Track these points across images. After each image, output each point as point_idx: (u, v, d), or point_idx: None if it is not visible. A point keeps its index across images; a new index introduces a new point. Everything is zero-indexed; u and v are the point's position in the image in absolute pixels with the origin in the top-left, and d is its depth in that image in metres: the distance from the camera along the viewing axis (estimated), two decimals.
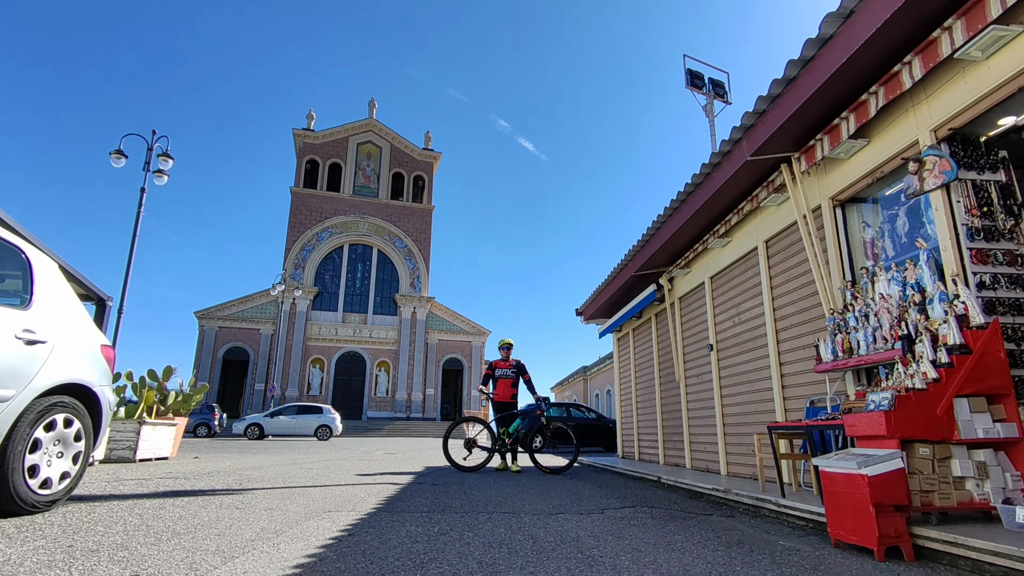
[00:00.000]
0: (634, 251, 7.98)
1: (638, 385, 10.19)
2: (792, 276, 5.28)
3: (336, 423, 22.23)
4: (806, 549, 2.89)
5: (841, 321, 4.22)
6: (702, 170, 5.51)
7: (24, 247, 3.24)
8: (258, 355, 38.94)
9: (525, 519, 3.51)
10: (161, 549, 2.36)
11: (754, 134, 4.68)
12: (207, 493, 4.27)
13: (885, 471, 2.79)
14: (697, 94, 12.93)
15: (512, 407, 7.64)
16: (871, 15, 3.38)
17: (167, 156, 13.99)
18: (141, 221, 13.25)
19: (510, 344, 7.79)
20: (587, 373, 39.94)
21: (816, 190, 4.84)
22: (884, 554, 2.68)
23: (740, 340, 6.26)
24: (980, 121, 3.54)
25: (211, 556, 2.28)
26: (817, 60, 3.85)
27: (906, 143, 3.86)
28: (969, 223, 3.48)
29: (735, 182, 5.30)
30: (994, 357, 3.04)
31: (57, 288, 3.37)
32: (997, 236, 3.47)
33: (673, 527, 3.43)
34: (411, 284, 42.57)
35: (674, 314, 8.16)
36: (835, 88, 3.91)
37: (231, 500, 3.92)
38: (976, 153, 3.62)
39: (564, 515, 3.73)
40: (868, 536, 2.73)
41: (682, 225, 6.46)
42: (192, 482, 5.04)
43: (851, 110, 4.01)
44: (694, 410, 7.49)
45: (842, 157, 4.45)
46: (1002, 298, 3.37)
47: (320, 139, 43.84)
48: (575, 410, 17.38)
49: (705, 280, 7.15)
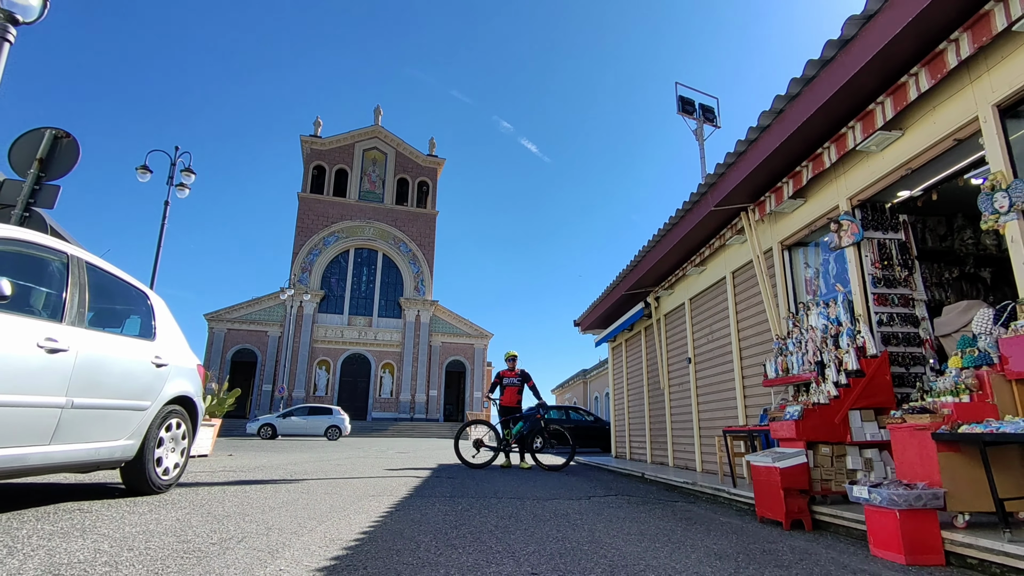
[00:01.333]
0: (624, 273, 8.98)
1: (629, 391, 11.18)
2: (752, 303, 6.27)
3: (345, 424, 23.24)
4: (736, 523, 3.89)
5: (783, 345, 5.21)
6: (677, 213, 6.51)
7: (147, 291, 4.25)
8: (266, 356, 39.96)
9: (527, 502, 4.50)
10: (270, 515, 3.36)
11: (717, 189, 5.68)
12: (270, 482, 5.26)
13: (793, 464, 3.78)
14: (688, 119, 13.93)
15: (516, 411, 8.65)
16: (798, 113, 4.37)
17: (189, 171, 14.98)
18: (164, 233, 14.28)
19: (515, 356, 8.79)
20: (587, 376, 40.91)
21: (768, 235, 5.84)
22: (790, 525, 3.67)
23: (712, 355, 7.25)
24: (884, 193, 4.53)
25: (307, 521, 3.27)
26: (759, 141, 4.84)
27: (830, 206, 4.85)
28: (873, 273, 4.47)
29: (704, 225, 6.30)
30: (882, 380, 4.04)
31: (169, 321, 4.38)
32: (895, 283, 4.47)
33: (643, 509, 4.43)
34: (415, 287, 43.60)
35: (660, 329, 9.15)
36: (775, 161, 4.90)
37: (293, 487, 4.92)
38: (881, 217, 4.61)
39: (558, 500, 4.73)
40: (779, 512, 3.72)
41: (664, 254, 7.45)
42: (251, 474, 6.04)
43: (789, 177, 5.01)
44: (676, 414, 8.48)
45: (787, 211, 5.45)
46: (896, 332, 4.36)
47: (327, 145, 44.91)
48: (574, 413, 18.38)
49: (685, 301, 8.14)
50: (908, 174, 4.17)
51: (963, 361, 3.11)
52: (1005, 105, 3.32)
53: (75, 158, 5.76)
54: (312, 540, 2.69)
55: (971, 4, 3.15)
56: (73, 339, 3.11)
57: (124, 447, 3.63)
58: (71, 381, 3.07)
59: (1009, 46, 3.23)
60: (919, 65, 3.56)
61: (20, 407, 2.74)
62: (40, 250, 3.16)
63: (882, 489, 2.81)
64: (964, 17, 3.24)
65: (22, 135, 5.67)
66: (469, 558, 2.45)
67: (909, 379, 4.27)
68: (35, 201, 5.48)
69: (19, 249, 3.01)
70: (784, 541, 3.23)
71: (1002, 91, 3.29)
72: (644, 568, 2.40)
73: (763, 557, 2.75)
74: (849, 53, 3.72)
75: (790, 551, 2.93)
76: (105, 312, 3.69)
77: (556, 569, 2.31)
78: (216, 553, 2.33)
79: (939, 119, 3.73)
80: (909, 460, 2.98)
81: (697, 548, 2.90)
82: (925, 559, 2.69)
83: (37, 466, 2.95)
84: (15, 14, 5.12)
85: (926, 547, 2.70)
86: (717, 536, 3.32)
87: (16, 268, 2.98)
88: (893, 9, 3.33)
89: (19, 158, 5.56)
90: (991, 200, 3.26)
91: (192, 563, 2.15)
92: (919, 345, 4.37)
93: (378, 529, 3.09)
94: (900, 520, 2.71)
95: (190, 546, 2.43)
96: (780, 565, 2.58)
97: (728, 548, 2.95)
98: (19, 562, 2.03)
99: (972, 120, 3.49)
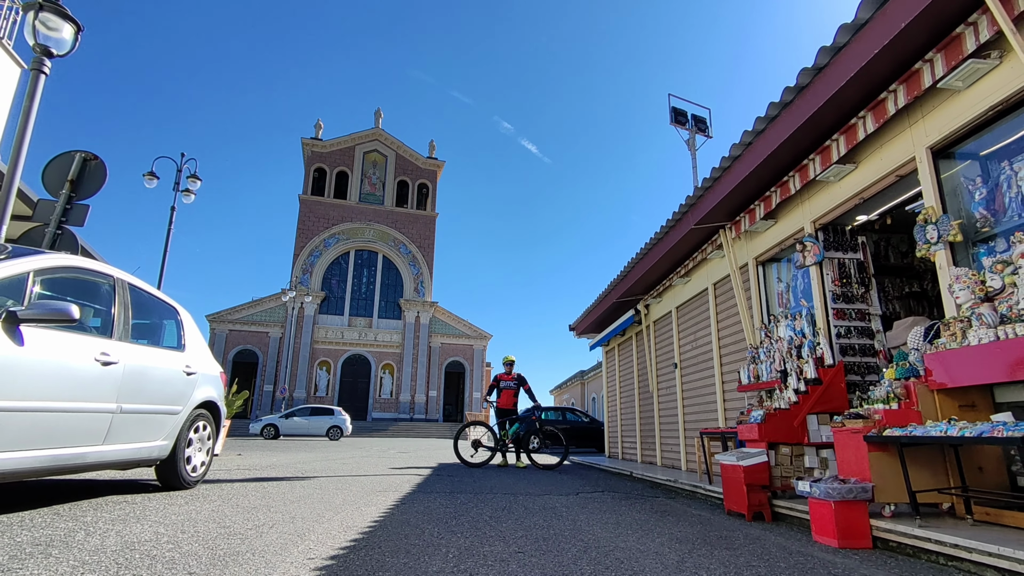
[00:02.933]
0: (615, 282, 9.45)
1: (621, 394, 11.65)
2: (731, 314, 6.74)
3: (346, 424, 23.71)
4: (706, 515, 4.35)
5: (756, 354, 5.67)
6: (661, 229, 6.98)
7: (176, 306, 4.70)
8: (267, 357, 40.40)
9: (520, 497, 4.96)
10: (292, 507, 3.82)
11: (697, 209, 6.14)
12: (284, 479, 5.72)
13: (755, 463, 4.24)
14: (680, 130, 14.40)
15: (512, 413, 9.12)
16: (765, 145, 4.84)
17: (195, 177, 15.43)
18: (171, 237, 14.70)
19: (512, 361, 9.26)
20: (584, 377, 41.39)
21: (744, 251, 6.30)
22: (752, 517, 4.13)
23: (696, 361, 7.72)
24: (844, 216, 5.00)
25: (324, 511, 3.73)
26: (732, 168, 5.30)
27: (797, 228, 5.32)
28: (833, 290, 4.94)
29: (687, 240, 6.76)
30: (837, 388, 4.50)
31: (195, 333, 4.83)
32: (853, 299, 4.93)
33: (624, 503, 4.89)
34: (415, 289, 44.07)
35: (649, 335, 9.62)
36: (748, 185, 5.36)
37: (307, 483, 5.38)
38: (842, 238, 5.08)
39: (548, 495, 5.19)
40: (743, 505, 4.19)
41: (652, 266, 7.91)
42: (264, 472, 6.50)
43: (761, 200, 5.48)
44: (663, 416, 8.95)
45: (759, 230, 5.91)
46: (853, 344, 4.83)
47: (328, 148, 45.35)
48: (570, 414, 18.85)
49: (672, 309, 8.61)
50: (861, 202, 4.64)
51: (896, 373, 3.57)
52: (938, 148, 3.79)
53: (102, 179, 6.22)
54: (331, 527, 3.15)
55: (905, 62, 3.62)
56: (121, 352, 3.57)
57: (160, 447, 4.09)
58: (120, 389, 3.52)
59: (939, 98, 3.70)
60: (866, 109, 4.03)
61: (82, 412, 3.20)
62: (92, 275, 3.62)
63: (821, 484, 3.27)
64: (901, 71, 3.71)
65: (54, 158, 6.13)
66: (466, 541, 2.91)
67: (864, 386, 4.73)
68: (67, 219, 5.95)
69: (76, 275, 3.47)
70: (741, 530, 3.69)
71: (934, 136, 3.75)
72: (612, 548, 2.86)
73: (718, 542, 3.21)
74: (805, 97, 4.18)
75: (744, 537, 3.39)
76: (143, 327, 4.14)
77: (539, 549, 2.78)
78: (254, 535, 2.79)
79: (885, 156, 4.20)
80: (847, 459, 3.45)
81: (663, 534, 3.36)
82: (855, 543, 3.15)
83: (93, 463, 3.40)
84: (50, 48, 5.61)
85: (856, 533, 3.17)
86: (684, 525, 3.78)
87: (75, 291, 3.44)
88: (840, 64, 3.79)
89: (52, 180, 6.02)
90: (924, 231, 3.72)
91: (237, 542, 2.61)
92: (874, 355, 4.83)
93: (387, 518, 3.55)
94: (835, 510, 3.18)
95: (231, 530, 2.89)
96: (730, 548, 3.05)
97: (690, 534, 3.41)
98: (99, 540, 2.49)
99: (911, 160, 3.95)
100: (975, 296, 3.23)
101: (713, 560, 2.70)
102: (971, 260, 3.55)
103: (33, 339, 2.84)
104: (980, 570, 2.48)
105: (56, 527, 2.72)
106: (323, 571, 2.19)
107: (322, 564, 2.30)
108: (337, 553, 2.51)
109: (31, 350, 2.82)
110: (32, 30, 5.46)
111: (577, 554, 2.70)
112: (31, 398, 2.81)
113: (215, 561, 2.25)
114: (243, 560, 2.29)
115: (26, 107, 5.39)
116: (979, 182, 3.56)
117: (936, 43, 3.41)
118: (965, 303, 3.29)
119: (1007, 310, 2.95)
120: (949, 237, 3.56)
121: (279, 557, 2.38)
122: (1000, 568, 2.38)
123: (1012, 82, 3.14)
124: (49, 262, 3.18)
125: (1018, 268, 2.96)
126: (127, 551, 2.33)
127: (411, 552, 2.59)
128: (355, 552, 2.54)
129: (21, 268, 2.95)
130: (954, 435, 2.69)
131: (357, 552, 2.54)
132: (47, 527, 2.70)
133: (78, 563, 2.11)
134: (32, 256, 3.08)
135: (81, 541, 2.46)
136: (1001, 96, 3.26)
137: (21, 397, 2.75)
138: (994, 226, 3.45)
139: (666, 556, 2.75)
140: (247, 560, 2.29)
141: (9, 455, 2.72)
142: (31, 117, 5.42)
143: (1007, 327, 2.85)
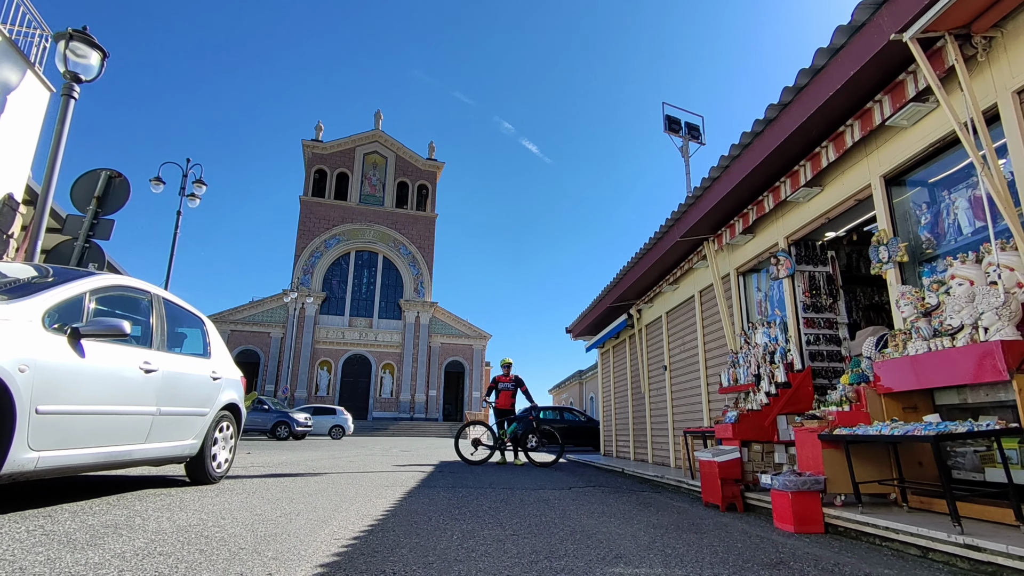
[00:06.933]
0: (608, 288, 9.89)
1: (616, 394, 12.10)
2: (715, 320, 7.18)
3: (348, 423, 24.15)
4: (685, 506, 4.79)
5: (735, 359, 6.11)
6: (650, 240, 7.42)
7: (202, 316, 5.13)
8: (268, 357, 40.83)
9: (516, 491, 5.40)
10: (311, 499, 4.26)
11: (682, 223, 6.58)
12: (299, 475, 6.16)
13: (729, 459, 4.68)
14: (674, 137, 14.82)
15: (511, 413, 9.56)
16: (740, 168, 5.27)
17: (201, 182, 15.84)
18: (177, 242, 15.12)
19: (510, 363, 9.70)
20: (583, 377, 41.82)
21: (727, 262, 6.74)
22: (726, 507, 4.57)
23: (684, 364, 8.16)
24: (814, 233, 5.44)
25: (341, 503, 4.17)
26: (712, 187, 5.74)
27: (772, 243, 5.76)
28: (804, 300, 5.38)
29: (673, 252, 7.20)
30: (805, 391, 4.95)
31: (219, 340, 5.27)
32: (821, 309, 5.37)
33: (613, 497, 5.33)
34: (415, 289, 44.51)
35: (641, 339, 10.06)
36: (728, 203, 5.80)
37: (320, 479, 5.81)
38: (813, 253, 5.52)
39: (543, 490, 5.63)
40: (717, 497, 4.63)
41: (642, 274, 8.35)
42: (278, 469, 6.93)
43: (739, 217, 5.92)
44: (654, 416, 9.40)
45: (739, 243, 6.35)
46: (821, 350, 5.27)
47: (328, 149, 45.75)
48: (568, 413, 19.30)
49: (663, 314, 9.05)
50: (828, 221, 5.09)
51: (850, 378, 4.01)
52: (890, 176, 4.23)
53: (126, 195, 6.65)
54: (349, 515, 3.59)
55: (860, 100, 4.05)
56: (159, 361, 4.00)
57: (191, 445, 4.52)
58: (159, 394, 3.96)
59: (889, 133, 4.14)
60: (828, 140, 4.47)
61: (129, 415, 3.64)
62: (133, 291, 4.05)
63: (780, 477, 3.71)
64: (856, 108, 4.14)
65: (81, 176, 6.56)
66: (468, 526, 3.35)
67: (830, 389, 5.17)
68: (94, 233, 6.38)
69: (121, 293, 3.90)
70: (713, 518, 4.13)
71: (887, 166, 4.19)
72: (595, 532, 3.30)
73: (689, 527, 3.66)
74: (774, 129, 4.62)
75: (713, 525, 3.83)
76: (176, 336, 4.58)
77: (531, 532, 3.21)
78: (284, 521, 3.23)
79: (846, 182, 4.64)
80: (805, 455, 3.89)
81: (642, 522, 3.81)
82: (810, 528, 3.59)
83: (137, 460, 3.84)
84: (79, 74, 6.04)
85: (811, 520, 3.61)
86: (663, 515, 4.23)
87: (120, 306, 3.88)
88: (802, 102, 4.23)
89: (80, 196, 6.45)
90: (877, 252, 4.16)
91: (272, 526, 3.04)
92: (840, 361, 5.27)
93: (397, 508, 3.99)
94: (792, 500, 3.62)
95: (264, 517, 3.32)
96: (698, 532, 3.49)
97: (666, 522, 3.85)
98: (156, 524, 2.93)
99: (867, 186, 4.39)
100: (917, 311, 3.67)
101: (680, 541, 3.15)
102: (917, 278, 3.99)
103: (91, 351, 3.28)
104: (904, 548, 2.92)
105: (114, 514, 3.15)
106: (349, 548, 2.62)
107: (347, 542, 2.73)
108: (358, 534, 2.95)
109: (90, 361, 3.25)
110: (63, 58, 5.91)
111: (564, 536, 3.14)
112: (91, 402, 3.25)
113: (259, 540, 2.69)
114: (281, 540, 2.73)
115: (57, 131, 5.83)
116: (925, 208, 4.00)
117: (884, 86, 3.85)
118: (909, 317, 3.72)
119: (938, 325, 3.39)
120: (897, 257, 4.00)
121: (311, 537, 2.82)
122: (919, 546, 2.83)
123: (946, 124, 3.58)
124: (100, 283, 3.61)
125: (949, 288, 3.40)
126: (182, 532, 2.77)
127: (421, 534, 3.03)
128: (373, 534, 2.98)
129: (79, 289, 3.38)
130: (886, 434, 3.13)
131: (375, 534, 2.98)
132: (106, 514, 3.14)
133: (147, 541, 2.54)
134: (86, 278, 3.51)
135: (142, 525, 2.90)
136: (939, 135, 3.70)
137: (84, 402, 3.18)
138: (936, 248, 3.89)
139: (640, 538, 3.19)
140: (284, 540, 2.73)
141: (76, 451, 3.15)
142: (62, 140, 5.86)
143: (937, 340, 3.29)
